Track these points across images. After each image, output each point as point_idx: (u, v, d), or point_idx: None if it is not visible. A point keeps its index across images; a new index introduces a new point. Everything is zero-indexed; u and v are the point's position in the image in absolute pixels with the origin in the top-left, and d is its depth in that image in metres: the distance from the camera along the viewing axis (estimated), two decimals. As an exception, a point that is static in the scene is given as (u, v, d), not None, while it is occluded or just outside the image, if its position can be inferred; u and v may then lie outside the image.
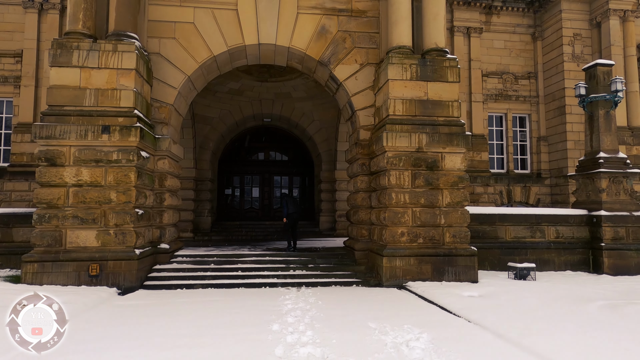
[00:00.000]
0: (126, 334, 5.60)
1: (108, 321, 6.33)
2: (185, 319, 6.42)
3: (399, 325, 5.99)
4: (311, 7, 10.96)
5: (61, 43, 9.09)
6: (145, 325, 6.05)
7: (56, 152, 8.80)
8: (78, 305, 7.10)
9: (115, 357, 4.72)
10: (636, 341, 5.19)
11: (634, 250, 11.58)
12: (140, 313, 6.84)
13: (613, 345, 5.03)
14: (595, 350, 4.83)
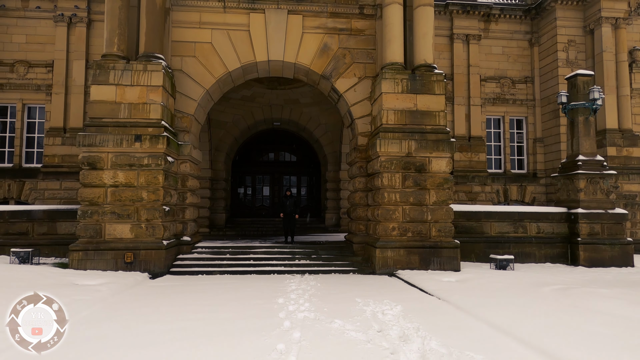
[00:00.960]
0: (166, 303, 7.25)
1: (148, 295, 7.99)
2: (208, 295, 8.03)
3: (380, 300, 7.52)
4: (315, 27, 12.48)
5: (100, 64, 10.78)
6: (178, 299, 7.68)
7: (96, 157, 10.49)
8: (121, 285, 8.77)
9: (164, 313, 6.37)
10: (559, 309, 6.66)
11: (608, 245, 12.91)
12: (171, 291, 8.48)
13: (541, 312, 6.50)
14: (525, 315, 6.30)
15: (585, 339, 5.20)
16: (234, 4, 12.20)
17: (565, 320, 6.10)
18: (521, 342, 5.22)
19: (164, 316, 6.47)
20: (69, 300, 7.21)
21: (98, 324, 6.04)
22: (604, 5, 19.18)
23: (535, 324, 5.88)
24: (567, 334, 5.44)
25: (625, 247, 13.01)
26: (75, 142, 17.75)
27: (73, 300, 7.22)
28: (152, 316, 6.47)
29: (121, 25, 11.00)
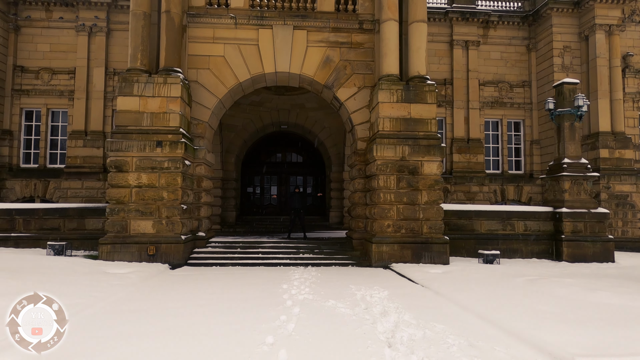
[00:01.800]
0: (186, 287, 8.65)
1: (171, 282, 9.40)
2: (221, 282, 9.41)
3: (371, 287, 8.84)
4: (318, 41, 13.80)
5: (125, 77, 12.21)
6: (197, 284, 9.07)
7: (122, 161, 11.93)
8: (146, 274, 10.19)
9: (186, 294, 7.75)
10: (521, 294, 7.93)
11: (590, 242, 14.07)
12: (190, 279, 9.88)
13: (504, 296, 7.78)
14: (489, 298, 7.58)
15: (530, 315, 6.47)
16: (244, 20, 13.55)
17: (521, 301, 7.38)
18: (477, 316, 6.52)
19: (186, 296, 7.87)
20: (107, 285, 8.67)
21: (135, 301, 7.44)
22: (598, 12, 20.22)
23: (494, 304, 7.16)
24: (517, 311, 6.72)
25: (606, 244, 14.16)
26: (96, 144, 19.40)
27: (110, 285, 8.64)
28: (177, 296, 7.87)
29: (144, 42, 12.42)
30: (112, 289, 8.30)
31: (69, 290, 7.75)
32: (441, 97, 21.77)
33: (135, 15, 12.39)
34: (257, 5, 13.67)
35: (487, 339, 5.47)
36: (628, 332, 5.72)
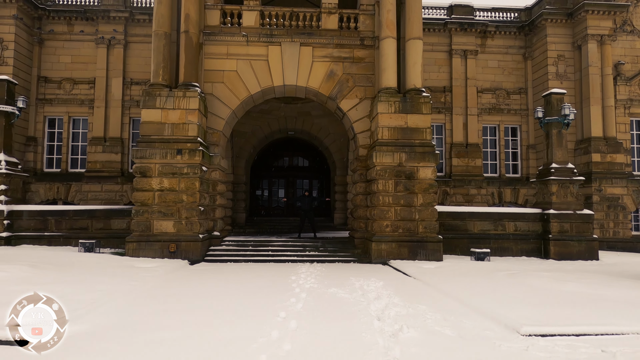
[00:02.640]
0: (206, 278, 10.08)
1: (192, 274, 10.83)
2: (237, 275, 10.81)
3: (368, 278, 10.20)
4: (323, 57, 15.20)
5: (148, 92, 13.69)
6: (215, 276, 10.49)
7: (146, 167, 13.38)
8: (169, 268, 11.61)
9: (207, 282, 9.16)
10: (499, 284, 9.25)
11: (575, 241, 15.32)
12: (208, 272, 11.30)
13: (482, 285, 9.11)
14: (468, 287, 8.91)
15: (501, 299, 7.79)
16: (255, 38, 14.99)
17: (496, 290, 8.70)
18: (455, 300, 7.87)
19: (208, 285, 9.29)
20: (138, 276, 10.09)
21: (166, 288, 8.87)
22: (590, 23, 21.45)
23: (473, 291, 8.50)
24: (491, 296, 8.04)
25: (591, 243, 15.40)
26: (114, 150, 20.93)
27: (141, 277, 10.06)
28: (200, 285, 9.29)
29: (165, 60, 13.89)
30: (144, 280, 9.72)
31: (109, 281, 9.20)
32: (441, 104, 23.08)
33: (157, 35, 13.87)
34: (267, 24, 15.10)
35: (459, 315, 6.82)
36: (578, 311, 7.03)
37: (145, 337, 5.42)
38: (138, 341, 5.27)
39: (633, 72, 22.20)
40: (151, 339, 5.36)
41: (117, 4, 21.84)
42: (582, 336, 5.89)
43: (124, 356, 4.76)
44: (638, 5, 22.45)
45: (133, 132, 22.20)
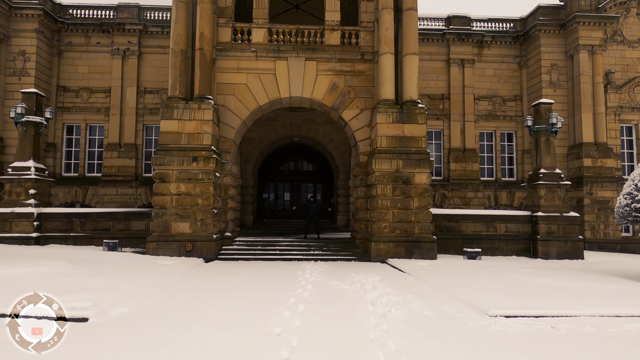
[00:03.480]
0: (221, 274, 11.47)
1: (208, 270, 12.22)
2: (248, 271, 12.18)
3: (367, 274, 11.55)
4: (326, 70, 16.57)
5: (166, 104, 15.11)
6: (229, 272, 11.86)
7: (165, 173, 14.79)
8: (187, 265, 13.00)
9: (224, 277, 10.54)
10: (482, 278, 10.57)
11: (562, 241, 16.59)
12: (223, 269, 12.68)
13: (467, 279, 10.43)
14: (454, 280, 10.24)
15: (480, 290, 9.12)
16: (263, 53, 16.39)
17: (479, 283, 10.03)
18: (440, 291, 9.22)
19: (224, 279, 10.66)
20: (162, 271, 11.48)
21: (189, 281, 10.26)
22: (581, 34, 22.73)
23: (457, 284, 9.83)
24: (472, 288, 9.37)
25: (577, 243, 16.67)
26: (129, 155, 22.37)
27: (164, 272, 11.45)
28: (218, 279, 10.67)
29: (181, 75, 15.32)
30: (167, 274, 11.11)
31: (138, 275, 10.59)
32: (439, 111, 24.42)
33: (174, 52, 15.30)
34: (275, 41, 16.50)
35: (441, 302, 8.17)
36: (543, 299, 8.35)
37: (183, 316, 6.81)
38: (178, 319, 6.66)
39: (623, 80, 23.45)
40: (188, 317, 6.75)
41: (131, 17, 23.33)
42: (540, 317, 7.22)
43: (170, 328, 6.14)
44: (628, 16, 23.71)
45: (146, 139, 23.68)
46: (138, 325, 6.31)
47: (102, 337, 5.67)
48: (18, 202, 15.81)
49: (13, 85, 21.98)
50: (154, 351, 5.13)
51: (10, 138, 21.75)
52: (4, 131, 21.79)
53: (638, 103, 23.39)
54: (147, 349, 5.20)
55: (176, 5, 15.34)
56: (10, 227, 15.50)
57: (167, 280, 10.30)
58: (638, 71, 23.53)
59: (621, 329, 6.67)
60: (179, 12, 15.34)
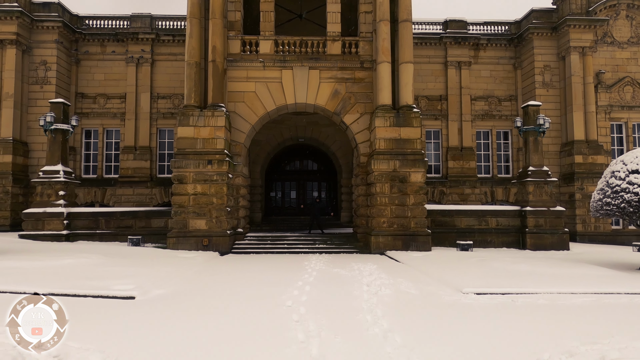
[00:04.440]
0: (238, 264, 13.21)
1: (224, 262, 13.95)
2: (260, 262, 13.89)
3: (365, 263, 13.23)
4: (328, 78, 18.20)
5: (183, 112, 16.83)
6: (243, 263, 13.58)
7: (183, 175, 16.51)
8: (205, 258, 14.71)
9: (240, 267, 12.26)
10: (467, 266, 12.21)
11: (549, 234, 18.14)
12: (238, 260, 14.40)
13: (452, 266, 12.08)
14: (441, 267, 11.89)
15: (462, 274, 10.76)
16: (270, 63, 18.05)
17: (463, 269, 11.67)
18: (427, 275, 10.88)
19: (241, 268, 12.38)
20: (185, 263, 13.21)
21: (210, 270, 12.00)
22: (573, 36, 24.16)
23: (444, 271, 11.47)
24: (455, 273, 11.01)
25: (562, 236, 18.22)
26: (144, 157, 24.09)
27: (187, 263, 13.17)
28: (235, 268, 12.39)
29: (195, 85, 17.02)
30: (189, 265, 12.84)
31: (165, 265, 12.33)
32: (437, 112, 25.96)
33: (189, 65, 17.00)
34: (280, 51, 18.15)
35: (425, 283, 9.83)
36: (513, 281, 9.98)
37: (211, 295, 8.54)
38: (207, 296, 8.38)
39: (613, 80, 24.86)
40: (215, 295, 8.47)
41: (144, 27, 25.05)
42: (505, 294, 8.86)
43: (203, 303, 7.84)
44: (617, 18, 25.09)
45: (160, 141, 25.44)
46: (177, 301, 8.03)
47: (150, 310, 7.39)
48: (49, 202, 17.59)
49: (35, 93, 23.83)
50: (193, 318, 6.83)
51: (34, 143, 23.63)
52: (28, 136, 23.62)
53: (628, 102, 24.81)
54: (186, 317, 6.89)
55: (190, 21, 17.02)
56: (43, 226, 17.29)
57: (191, 270, 12.02)
58: (628, 71, 24.93)
59: (570, 301, 8.31)
60: (193, 28, 17.03)
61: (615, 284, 9.96)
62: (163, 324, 6.45)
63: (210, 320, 6.65)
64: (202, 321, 6.56)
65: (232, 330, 6.06)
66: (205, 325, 6.29)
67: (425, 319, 6.81)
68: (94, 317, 6.78)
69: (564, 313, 7.37)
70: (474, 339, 5.72)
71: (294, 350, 5.15)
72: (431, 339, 5.64)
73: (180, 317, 6.86)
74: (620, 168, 13.00)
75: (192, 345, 5.35)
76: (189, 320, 6.65)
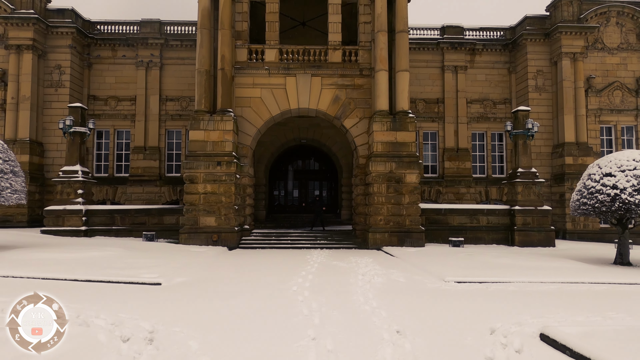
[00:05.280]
0: (246, 258, 14.71)
1: (233, 256, 15.46)
2: (266, 255, 15.38)
3: (362, 257, 14.71)
4: (329, 84, 19.66)
5: (194, 117, 18.31)
6: (250, 257, 15.08)
7: (194, 176, 18.00)
8: (216, 252, 16.21)
9: (249, 260, 13.76)
10: (454, 259, 13.67)
11: (536, 231, 19.60)
12: (246, 254, 15.89)
13: (441, 259, 13.55)
14: (430, 260, 13.36)
15: (447, 267, 12.22)
16: (275, 71, 19.51)
17: (450, 262, 13.14)
18: (417, 267, 12.37)
19: (249, 261, 13.87)
20: (197, 256, 14.69)
21: (222, 262, 13.49)
22: (564, 42, 25.53)
23: (432, 263, 12.95)
24: (443, 265, 12.48)
25: (549, 233, 19.67)
26: (153, 157, 25.55)
27: (199, 256, 14.67)
28: (244, 261, 13.88)
29: (206, 91, 18.49)
30: (202, 258, 14.33)
31: (180, 258, 13.82)
32: (434, 114, 27.40)
33: (199, 72, 18.47)
34: (285, 59, 19.60)
35: (414, 274, 11.31)
36: (491, 272, 11.45)
37: (226, 282, 10.03)
38: (222, 283, 9.87)
39: (603, 84, 26.26)
40: (230, 282, 9.97)
41: (153, 32, 26.50)
42: (482, 283, 10.32)
43: (220, 288, 9.33)
44: (608, 25, 26.47)
45: (168, 142, 26.93)
46: (197, 287, 9.52)
47: (176, 293, 8.86)
48: (68, 200, 19.10)
49: (50, 96, 25.33)
50: (214, 299, 8.32)
51: (49, 143, 25.15)
52: (43, 137, 25.13)
53: (617, 105, 26.22)
54: (208, 299, 8.36)
55: (200, 32, 18.49)
56: (63, 222, 18.80)
57: (205, 262, 13.53)
58: (617, 76, 26.33)
59: (536, 289, 9.77)
60: (203, 38, 18.49)
61: (582, 275, 11.42)
62: (191, 302, 7.95)
63: (229, 300, 8.14)
64: (222, 302, 8.05)
65: (249, 307, 7.54)
66: (225, 305, 7.77)
67: (408, 300, 8.28)
68: (132, 298, 8.25)
69: (528, 297, 8.82)
70: (444, 313, 7.21)
71: (300, 320, 6.64)
72: (410, 313, 7.12)
73: (203, 298, 8.35)
74: (596, 171, 14.44)
75: (219, 318, 6.84)
76: (211, 300, 8.13)
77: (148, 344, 5.63)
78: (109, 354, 5.22)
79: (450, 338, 5.88)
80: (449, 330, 6.22)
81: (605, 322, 6.72)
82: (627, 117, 26.27)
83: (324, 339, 5.71)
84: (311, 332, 5.99)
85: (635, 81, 26.25)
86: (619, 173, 13.70)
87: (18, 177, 14.00)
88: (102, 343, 5.53)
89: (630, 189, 13.22)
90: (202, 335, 5.85)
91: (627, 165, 13.70)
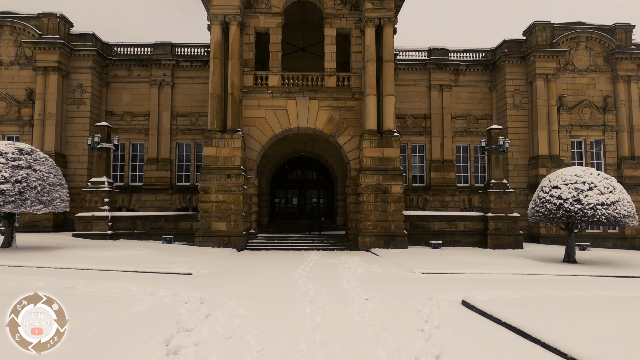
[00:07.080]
0: (253, 257, 17.96)
1: (241, 256, 18.68)
2: (269, 256, 18.58)
3: (352, 256, 17.94)
4: (325, 106, 22.96)
5: (207, 135, 21.57)
6: (257, 256, 18.29)
7: (207, 187, 21.24)
8: (227, 253, 19.40)
9: (255, 258, 17.00)
10: (429, 257, 16.90)
11: (506, 235, 22.84)
12: (252, 255, 19.10)
13: (417, 258, 16.78)
14: (408, 258, 16.59)
15: (419, 263, 15.44)
16: (277, 94, 22.81)
17: (423, 260, 16.36)
18: (395, 264, 15.62)
19: (256, 260, 17.06)
20: (212, 256, 17.89)
21: (235, 260, 16.70)
22: (538, 65, 28.90)
23: (408, 260, 16.17)
24: (415, 262, 15.70)
25: (518, 237, 22.91)
26: (165, 168, 28.78)
27: (214, 256, 17.85)
28: (250, 259, 17.09)
29: (217, 113, 21.77)
30: (216, 257, 17.51)
31: (199, 256, 17.02)
32: (422, 128, 30.71)
33: (212, 97, 21.76)
34: (286, 84, 22.90)
35: (390, 267, 14.55)
36: (455, 266, 14.67)
37: (241, 272, 13.24)
38: (239, 273, 13.09)
39: (574, 102, 29.63)
40: (244, 271, 13.19)
41: (166, 54, 29.83)
42: (442, 274, 13.53)
43: (238, 277, 12.55)
44: (578, 49, 29.87)
45: (179, 154, 30.17)
46: (221, 276, 12.72)
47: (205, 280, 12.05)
48: (96, 208, 22.30)
49: (72, 112, 28.60)
50: (236, 283, 11.51)
51: (71, 155, 28.38)
52: (66, 149, 28.35)
53: (586, 121, 29.57)
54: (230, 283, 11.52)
55: (213, 61, 21.80)
56: (92, 227, 22.00)
57: (220, 260, 16.72)
58: (586, 95, 29.73)
59: (482, 277, 12.99)
60: (215, 67, 21.80)
61: (526, 268, 14.65)
62: (219, 284, 11.16)
63: (248, 282, 11.38)
64: (243, 283, 11.29)
65: (264, 287, 10.77)
66: (246, 285, 10.99)
67: (379, 283, 11.51)
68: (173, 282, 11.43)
69: (471, 282, 12.03)
70: (402, 290, 10.44)
71: (301, 292, 9.87)
72: (377, 290, 10.34)
73: (228, 281, 11.56)
74: (547, 184, 17.74)
75: (244, 291, 10.05)
76: (233, 283, 11.36)
77: (201, 305, 8.83)
78: (179, 309, 8.41)
79: (400, 302, 9.11)
80: (401, 298, 9.45)
81: (511, 295, 9.95)
82: (596, 132, 29.62)
83: (316, 302, 8.93)
84: (308, 298, 9.22)
85: (603, 99, 29.64)
86: (564, 186, 17.00)
87: (64, 189, 17.22)
88: (170, 305, 8.73)
89: (571, 199, 16.51)
90: (235, 300, 9.05)
91: (570, 179, 17.00)
